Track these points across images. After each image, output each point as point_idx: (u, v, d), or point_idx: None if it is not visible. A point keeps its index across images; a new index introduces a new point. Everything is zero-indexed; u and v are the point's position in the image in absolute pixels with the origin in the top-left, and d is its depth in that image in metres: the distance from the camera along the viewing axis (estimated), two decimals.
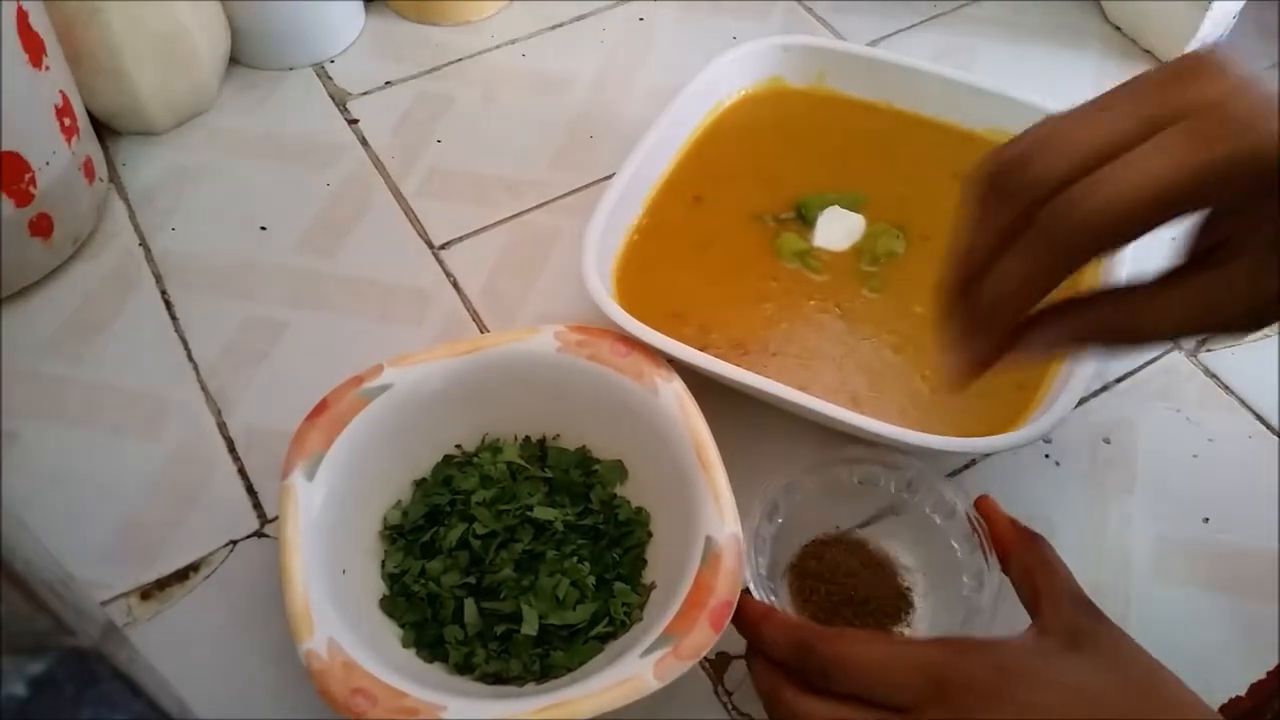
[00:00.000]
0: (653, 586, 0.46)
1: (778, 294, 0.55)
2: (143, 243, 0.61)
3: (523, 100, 0.69)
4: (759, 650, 0.41)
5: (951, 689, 0.35)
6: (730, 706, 0.45)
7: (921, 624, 0.46)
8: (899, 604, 0.46)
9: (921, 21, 0.74)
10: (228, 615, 0.48)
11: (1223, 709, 0.44)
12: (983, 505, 0.44)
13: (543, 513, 0.47)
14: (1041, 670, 0.36)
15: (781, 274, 0.55)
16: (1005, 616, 0.42)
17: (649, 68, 0.71)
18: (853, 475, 0.48)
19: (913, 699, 0.36)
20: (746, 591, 0.42)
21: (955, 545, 0.46)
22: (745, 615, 0.41)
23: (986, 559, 0.43)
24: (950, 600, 0.45)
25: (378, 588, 0.46)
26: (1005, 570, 0.43)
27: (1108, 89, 0.31)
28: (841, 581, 0.46)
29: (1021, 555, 0.42)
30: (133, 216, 0.63)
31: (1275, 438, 0.54)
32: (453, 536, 0.46)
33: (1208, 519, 0.51)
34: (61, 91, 0.56)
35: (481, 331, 0.58)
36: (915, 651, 0.37)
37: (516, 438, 0.51)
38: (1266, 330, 0.58)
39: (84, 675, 0.18)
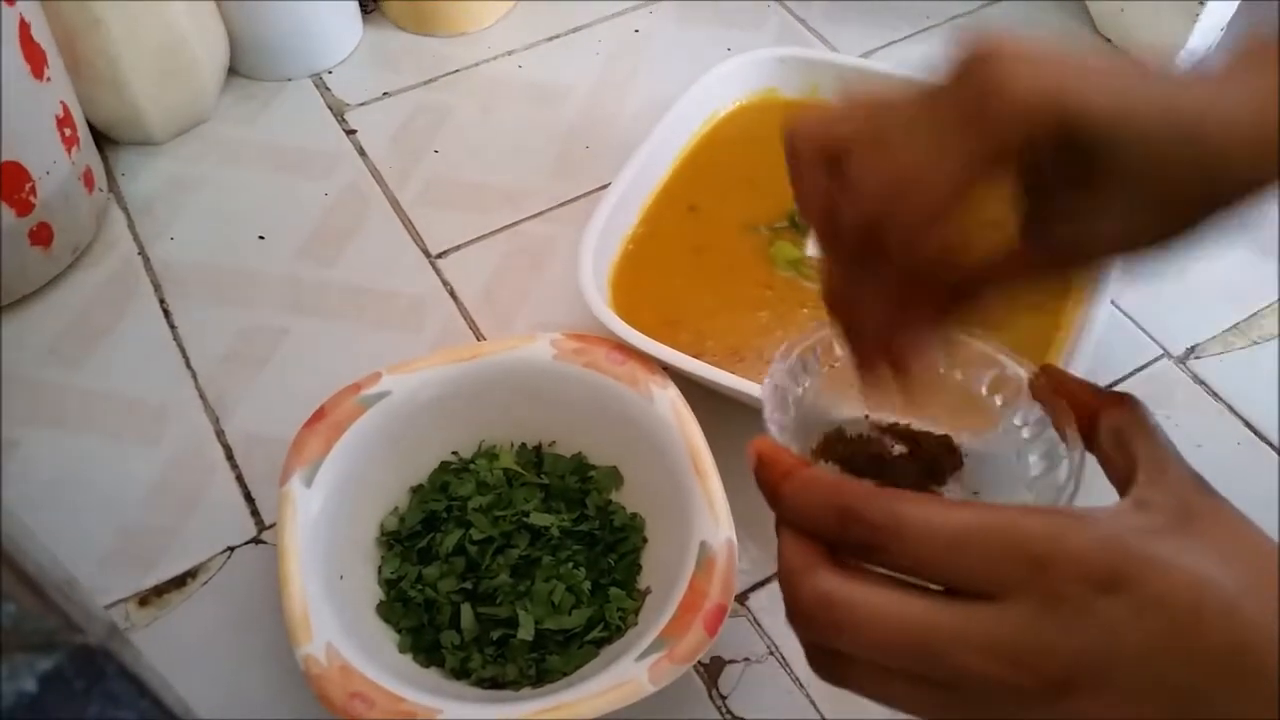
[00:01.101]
0: (647, 591, 0.46)
1: (772, 302, 0.55)
2: (141, 252, 0.62)
3: (520, 111, 0.70)
4: (784, 519, 0.31)
5: (1054, 570, 0.26)
6: (725, 710, 0.46)
7: None
8: (948, 457, 0.37)
9: (914, 33, 0.75)
10: (225, 621, 0.48)
11: None
12: (1050, 371, 0.36)
13: (539, 518, 0.47)
14: (1160, 554, 0.27)
15: (776, 282, 0.56)
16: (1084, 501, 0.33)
17: (645, 79, 0.72)
18: None
19: (1000, 581, 0.27)
20: (770, 441, 0.33)
21: (1019, 423, 0.36)
22: (767, 469, 0.31)
23: (1064, 432, 0.34)
24: (1011, 488, 0.36)
25: (375, 593, 0.47)
26: (1089, 444, 0.34)
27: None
28: (873, 451, 0.37)
29: (1112, 419, 0.33)
30: (132, 226, 0.63)
31: (1263, 444, 0.54)
32: (449, 542, 0.47)
33: None
34: (62, 102, 0.57)
35: (478, 339, 0.58)
36: (1002, 518, 0.27)
37: (513, 444, 0.51)
38: (1254, 336, 0.58)
39: (92, 672, 0.18)
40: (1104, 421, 0.33)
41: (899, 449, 0.37)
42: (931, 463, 0.36)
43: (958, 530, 0.27)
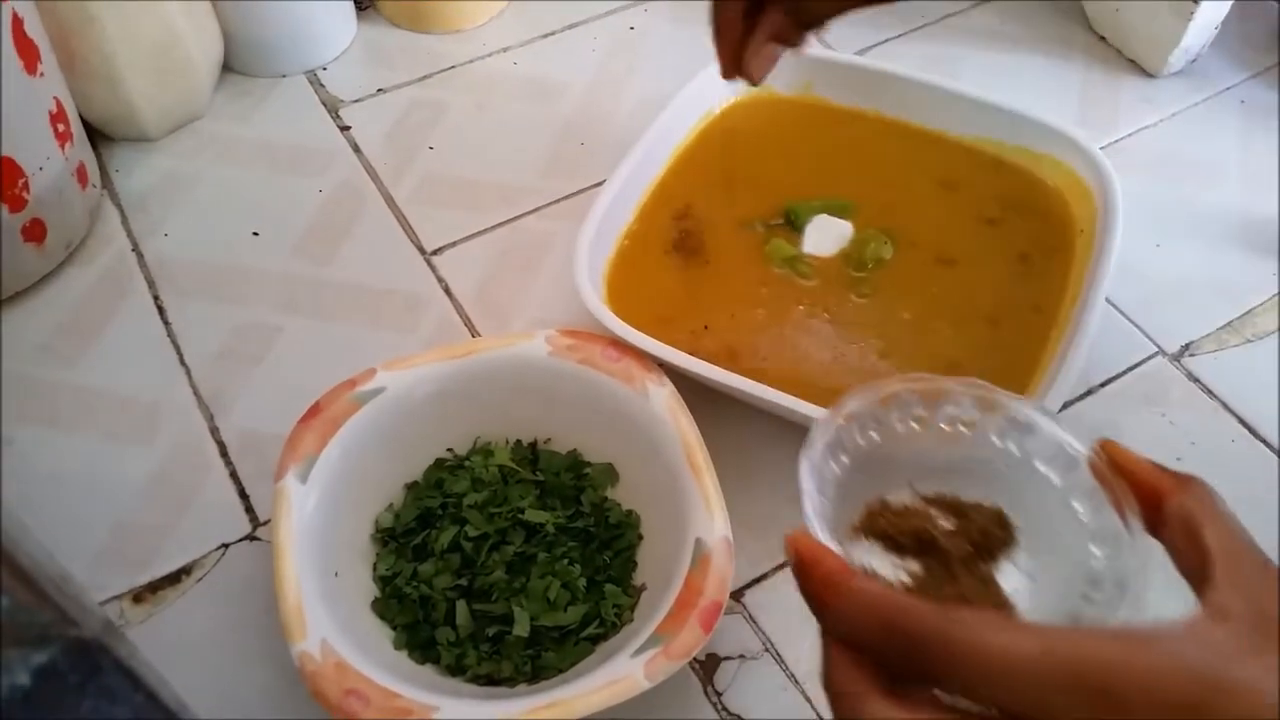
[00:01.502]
0: (643, 588, 0.46)
1: (767, 299, 0.55)
2: (135, 248, 0.62)
3: (515, 108, 0.70)
4: (830, 630, 0.29)
5: (1126, 703, 0.25)
6: (720, 706, 0.46)
7: (1027, 611, 0.34)
8: (999, 533, 0.34)
9: (909, 31, 0.75)
10: (220, 618, 0.48)
11: None
12: (1111, 449, 0.33)
13: (534, 515, 0.47)
14: (1243, 679, 0.25)
15: (771, 279, 0.56)
16: (1152, 597, 0.32)
17: (640, 76, 0.72)
18: (938, 413, 0.36)
19: (1063, 712, 0.25)
20: (811, 539, 0.31)
21: (1077, 505, 0.34)
22: (809, 572, 0.29)
23: (1125, 519, 0.32)
24: (1069, 577, 0.34)
25: (370, 590, 0.47)
26: (1154, 530, 0.32)
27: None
28: (919, 526, 0.34)
29: (1180, 504, 0.30)
30: (125, 222, 0.63)
31: (1258, 441, 0.55)
32: (444, 539, 0.47)
33: None
34: (56, 98, 0.57)
35: (473, 336, 0.58)
36: (1065, 643, 0.26)
37: (508, 441, 0.51)
38: (1248, 334, 0.58)
39: (86, 666, 0.18)
40: (1171, 507, 0.31)
41: (946, 523, 0.35)
42: (982, 539, 0.34)
43: (1016, 656, 0.25)
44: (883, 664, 0.28)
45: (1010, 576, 0.33)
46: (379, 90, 0.70)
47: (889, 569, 0.33)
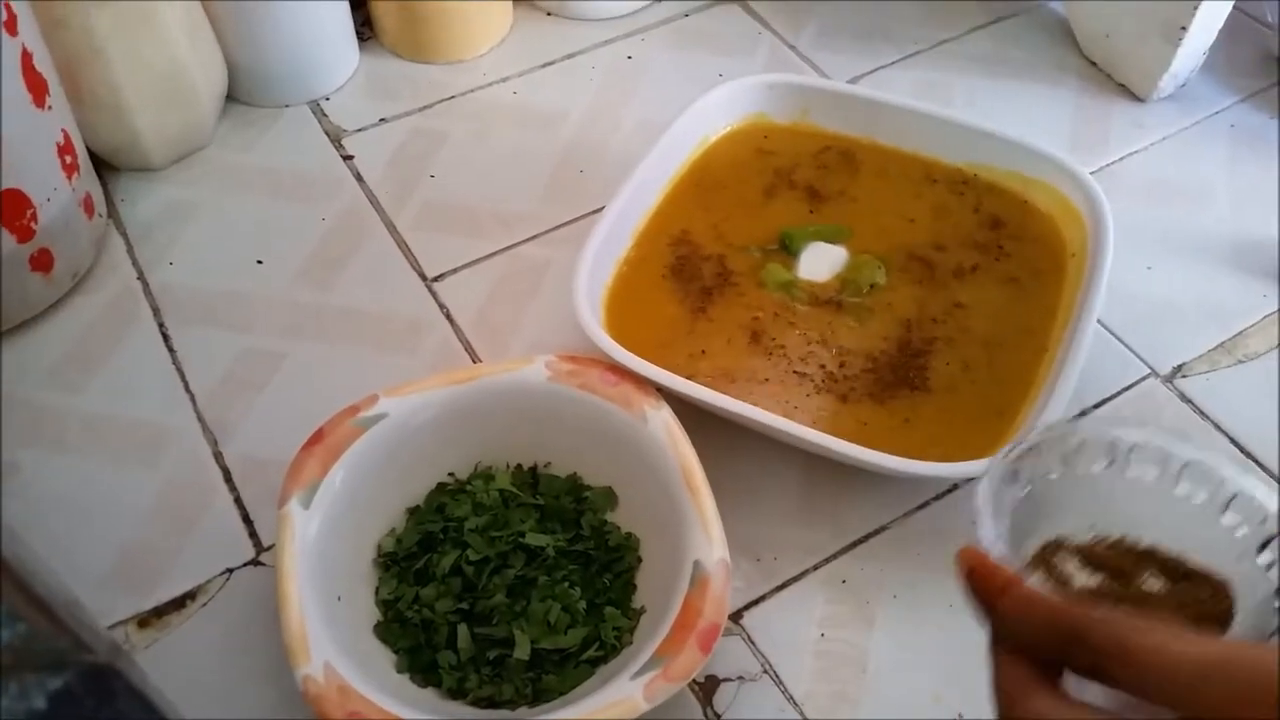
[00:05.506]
0: (642, 610, 0.47)
1: (764, 323, 0.56)
2: (141, 277, 0.62)
3: (514, 136, 0.71)
4: (999, 630, 0.30)
5: None
6: None
7: None
8: (1212, 608, 0.32)
9: (902, 58, 0.76)
10: (224, 643, 0.48)
11: None
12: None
13: (534, 539, 0.48)
14: None
15: (767, 304, 0.57)
16: None
17: (637, 104, 0.73)
18: (1127, 461, 0.34)
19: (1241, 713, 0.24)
20: (978, 551, 0.31)
21: (1265, 563, 0.33)
22: (982, 581, 0.30)
23: None
24: (1255, 628, 0.32)
25: (372, 614, 0.47)
26: None
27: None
28: (1116, 576, 0.33)
29: None
30: (131, 251, 0.64)
31: (1251, 462, 0.55)
32: (446, 563, 0.47)
33: None
34: (63, 130, 0.58)
35: (474, 361, 0.59)
36: (1248, 650, 0.25)
37: (509, 465, 0.52)
38: (1240, 355, 0.59)
39: (101, 691, 0.19)
40: None
41: (1156, 581, 0.33)
42: (1195, 610, 0.32)
43: (1198, 662, 0.25)
44: (1051, 662, 0.28)
45: None
46: (381, 120, 0.72)
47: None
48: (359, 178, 0.68)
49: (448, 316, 0.61)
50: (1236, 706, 0.25)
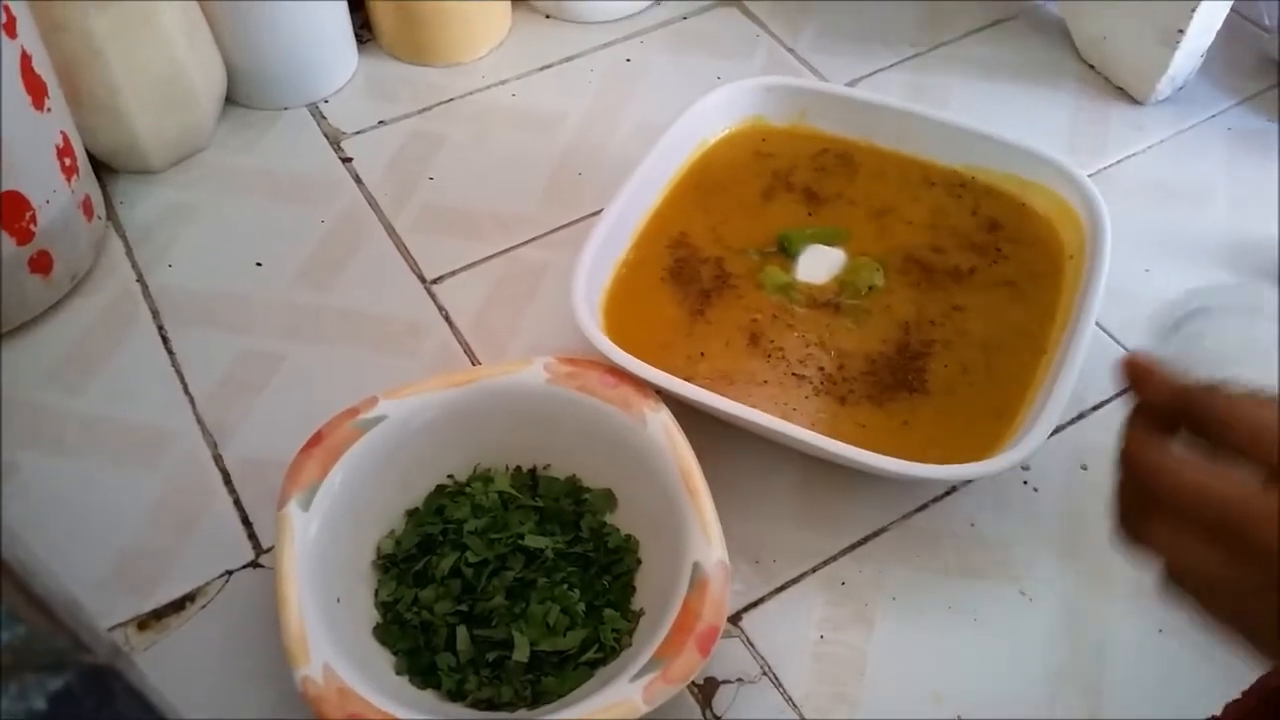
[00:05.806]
0: (641, 612, 0.47)
1: (762, 325, 0.56)
2: (140, 279, 0.62)
3: (513, 138, 0.71)
4: (1141, 407, 0.35)
5: None
6: None
7: None
8: None
9: (900, 61, 0.76)
10: (224, 644, 0.48)
11: None
12: None
13: (534, 541, 0.48)
14: None
15: (765, 306, 0.57)
16: None
17: (636, 107, 0.73)
18: None
19: None
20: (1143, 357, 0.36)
21: None
22: (1140, 368, 0.35)
23: None
24: None
25: (371, 616, 0.47)
26: None
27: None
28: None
29: None
30: (130, 253, 0.64)
31: None
32: (445, 565, 0.47)
33: None
34: (62, 132, 0.58)
35: (473, 364, 0.59)
36: None
37: (508, 467, 0.52)
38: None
39: (101, 691, 0.19)
40: None
41: None
42: None
43: None
44: (1173, 425, 0.33)
45: None
46: (380, 122, 0.72)
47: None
48: (358, 180, 0.68)
49: (446, 318, 0.61)
50: None
